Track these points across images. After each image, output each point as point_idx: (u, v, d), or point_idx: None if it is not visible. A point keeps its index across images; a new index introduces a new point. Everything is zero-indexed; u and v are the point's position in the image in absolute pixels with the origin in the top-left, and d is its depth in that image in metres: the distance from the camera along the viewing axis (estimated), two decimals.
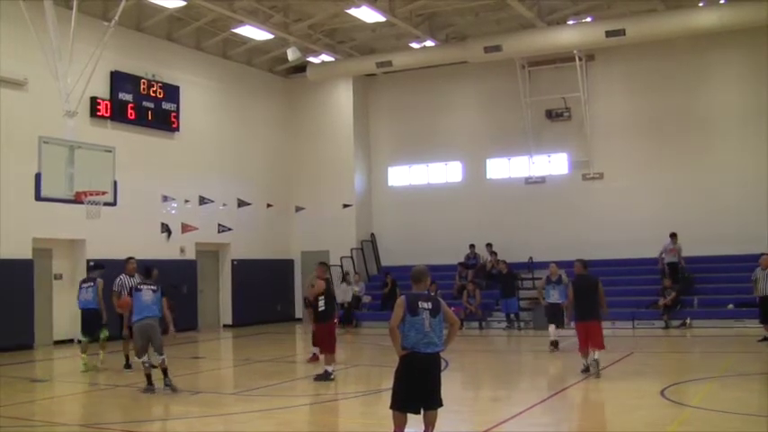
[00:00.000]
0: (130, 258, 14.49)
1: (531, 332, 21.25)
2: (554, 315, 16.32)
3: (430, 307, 7.45)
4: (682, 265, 21.62)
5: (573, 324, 13.49)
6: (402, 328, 7.40)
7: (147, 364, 11.73)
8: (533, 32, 22.32)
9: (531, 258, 23.75)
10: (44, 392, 12.76)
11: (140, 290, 11.87)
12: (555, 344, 16.07)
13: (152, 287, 11.93)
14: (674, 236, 21.56)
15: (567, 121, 24.71)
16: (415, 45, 24.12)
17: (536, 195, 24.99)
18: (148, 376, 11.69)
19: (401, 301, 7.50)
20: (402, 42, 24.28)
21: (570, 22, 22.29)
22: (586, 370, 12.61)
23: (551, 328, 16.30)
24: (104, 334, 14.66)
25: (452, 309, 8.20)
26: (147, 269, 12.61)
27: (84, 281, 15.02)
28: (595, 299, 12.80)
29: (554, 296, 16.54)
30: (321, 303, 13.10)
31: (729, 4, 20.63)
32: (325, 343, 13.15)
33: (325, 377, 12.53)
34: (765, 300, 16.56)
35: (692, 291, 21.41)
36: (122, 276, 14.23)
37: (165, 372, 11.65)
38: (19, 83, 18.44)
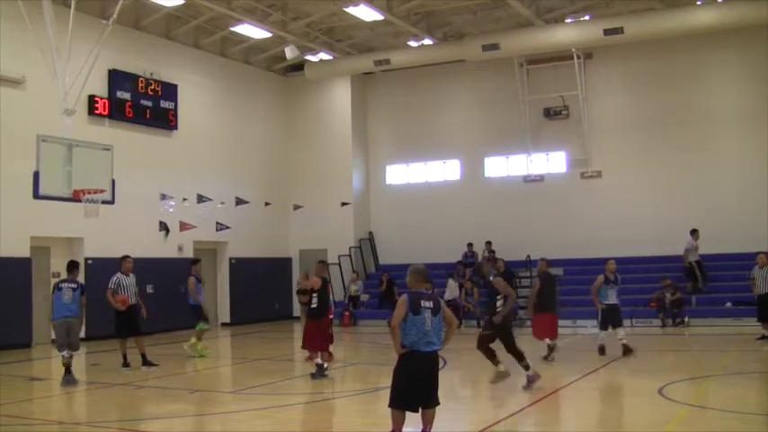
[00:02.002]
0: (126, 257, 14.54)
1: (528, 330, 21.23)
2: (614, 317, 14.67)
3: (431, 306, 7.45)
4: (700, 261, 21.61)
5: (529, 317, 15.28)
6: (403, 326, 7.39)
7: (67, 356, 12.26)
8: (531, 31, 22.34)
9: (528, 257, 23.76)
10: (42, 391, 12.74)
11: (61, 289, 12.33)
12: (628, 348, 14.30)
13: (72, 285, 12.40)
14: (694, 232, 21.33)
15: (565, 120, 24.72)
16: (412, 43, 24.11)
17: (534, 194, 24.99)
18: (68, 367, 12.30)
19: (403, 300, 7.47)
20: (400, 41, 24.27)
21: (568, 21, 22.28)
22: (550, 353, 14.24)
23: (605, 332, 14.73)
24: (201, 326, 16.01)
25: (449, 307, 8.21)
26: (73, 264, 13.03)
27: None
28: (555, 294, 14.85)
29: (612, 297, 14.67)
30: (314, 300, 13.08)
31: (727, 2, 20.65)
32: (313, 340, 13.11)
33: (320, 371, 12.47)
34: (763, 298, 16.60)
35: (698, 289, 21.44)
36: (119, 274, 14.27)
37: (68, 368, 12.24)
38: (17, 81, 18.42)
